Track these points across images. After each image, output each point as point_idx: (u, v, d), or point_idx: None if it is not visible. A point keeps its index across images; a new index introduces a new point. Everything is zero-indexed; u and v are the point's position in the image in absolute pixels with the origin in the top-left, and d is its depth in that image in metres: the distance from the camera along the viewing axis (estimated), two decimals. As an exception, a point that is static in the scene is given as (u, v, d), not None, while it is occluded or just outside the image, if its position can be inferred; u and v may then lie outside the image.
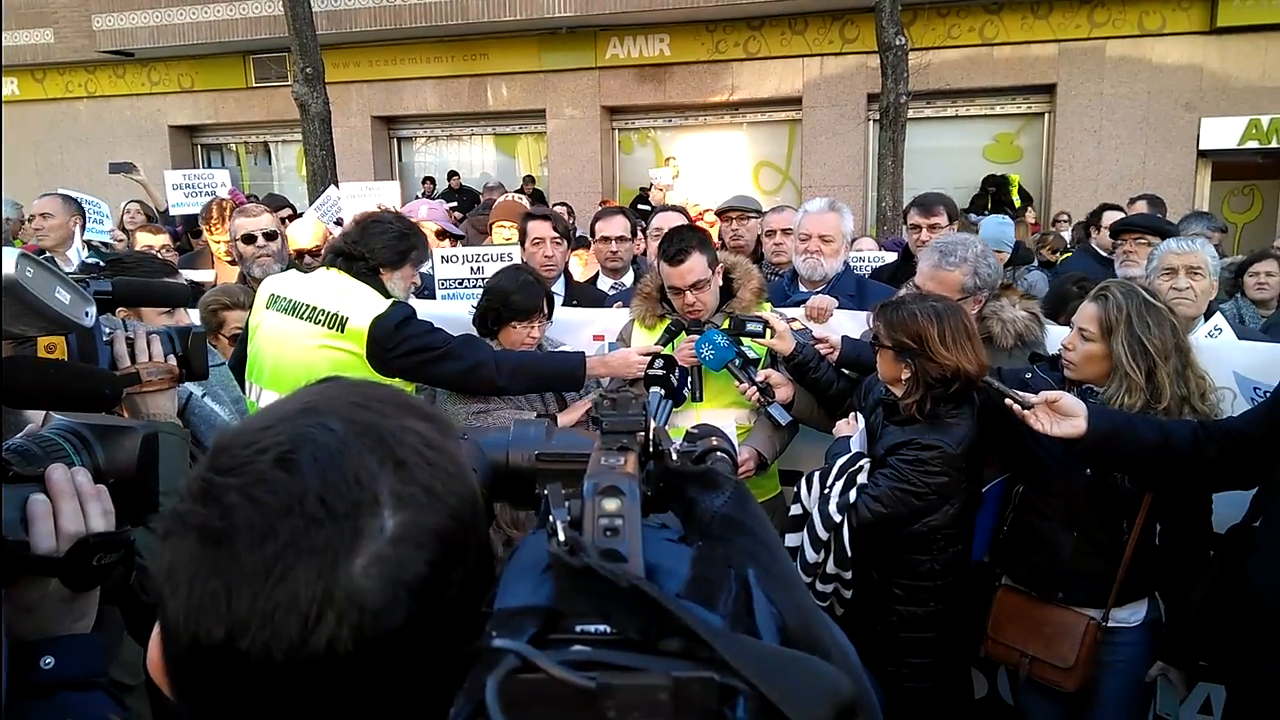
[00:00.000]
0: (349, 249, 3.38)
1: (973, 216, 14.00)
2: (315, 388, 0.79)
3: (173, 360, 1.98)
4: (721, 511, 0.85)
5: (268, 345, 3.40)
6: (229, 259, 5.32)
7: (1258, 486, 2.66)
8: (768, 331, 3.40)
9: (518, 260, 4.48)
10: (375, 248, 3.35)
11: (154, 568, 0.69)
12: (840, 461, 3.03)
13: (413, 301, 4.35)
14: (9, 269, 1.20)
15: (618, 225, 4.94)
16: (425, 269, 5.03)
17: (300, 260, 5.24)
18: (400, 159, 19.14)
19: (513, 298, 3.56)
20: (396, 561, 0.66)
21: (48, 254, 5.70)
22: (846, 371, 3.55)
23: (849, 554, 2.95)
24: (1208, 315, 3.75)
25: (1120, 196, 12.94)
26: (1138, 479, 2.82)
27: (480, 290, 4.39)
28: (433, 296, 4.61)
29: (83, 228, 6.04)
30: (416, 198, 13.62)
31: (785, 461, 3.77)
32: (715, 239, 5.98)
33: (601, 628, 0.64)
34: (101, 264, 2.82)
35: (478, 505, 0.76)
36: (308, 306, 3.31)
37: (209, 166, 19.73)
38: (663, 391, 3.40)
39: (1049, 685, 2.97)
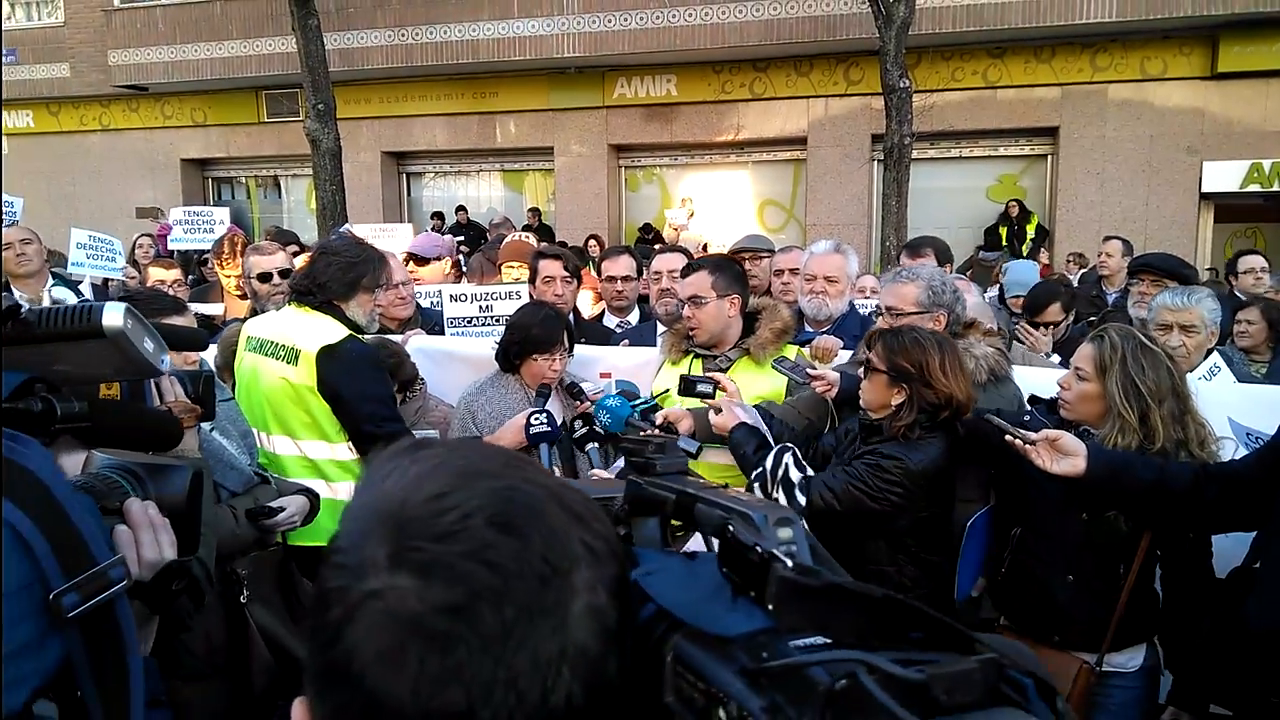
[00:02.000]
0: (301, 285, 3.45)
1: (983, 255, 14.15)
2: (445, 451, 0.76)
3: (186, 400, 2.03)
4: None
5: (243, 383, 3.50)
6: (239, 293, 5.40)
7: (1259, 529, 2.68)
8: (717, 392, 3.43)
9: (526, 298, 4.54)
10: (323, 281, 3.40)
11: (355, 648, 0.65)
12: (773, 453, 3.10)
13: (430, 339, 4.41)
14: (119, 321, 1.26)
15: (623, 265, 5.01)
16: (426, 303, 5.10)
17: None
18: (409, 194, 19.32)
19: (534, 331, 3.62)
20: (603, 611, 0.69)
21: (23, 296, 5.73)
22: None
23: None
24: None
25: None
26: (1137, 519, 2.83)
27: (489, 328, 4.46)
28: (442, 333, 4.65)
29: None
30: (425, 232, 13.77)
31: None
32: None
33: (818, 639, 0.70)
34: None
35: (623, 549, 0.80)
36: (272, 343, 3.41)
37: (219, 199, 19.96)
38: (597, 445, 3.48)
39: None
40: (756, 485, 3.08)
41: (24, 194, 9.14)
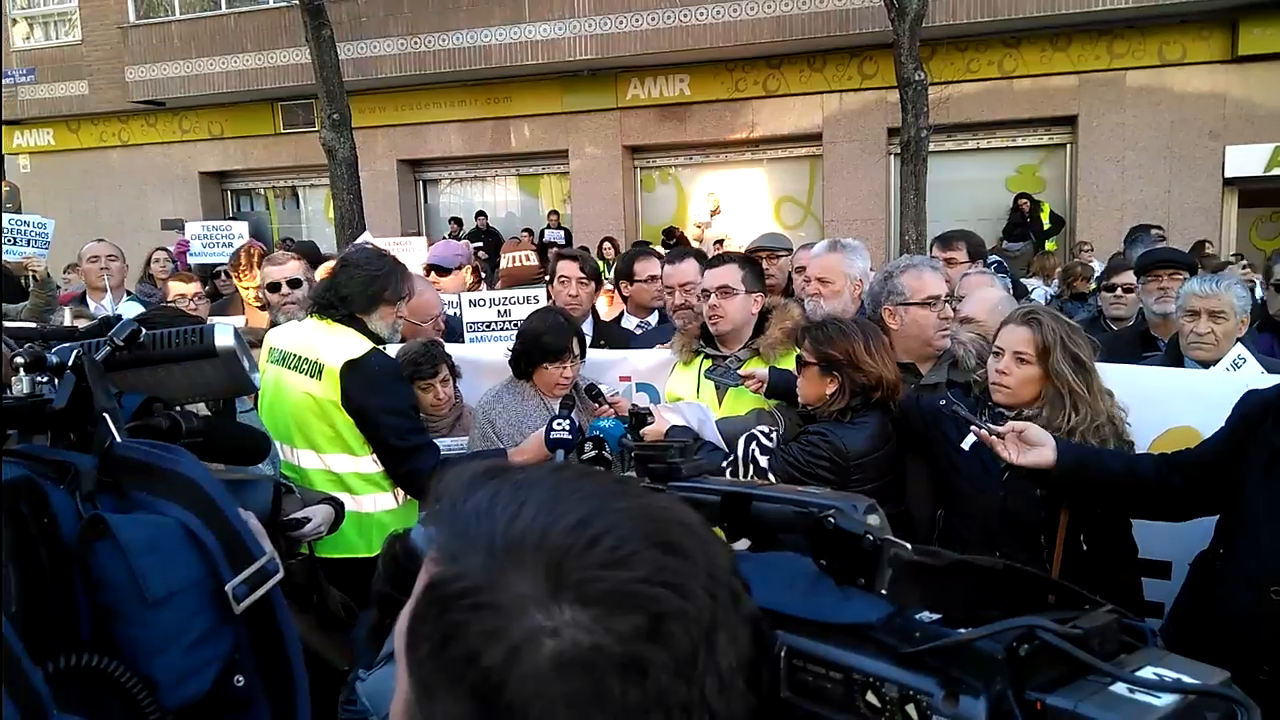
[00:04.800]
0: (323, 298, 3.43)
1: (1007, 245, 14.04)
2: (543, 475, 0.72)
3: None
4: None
5: (267, 396, 3.48)
6: (259, 305, 5.40)
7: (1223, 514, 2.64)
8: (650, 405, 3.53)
9: (544, 301, 4.51)
10: (345, 295, 3.38)
11: (532, 693, 0.61)
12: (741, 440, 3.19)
13: (448, 347, 4.39)
14: (231, 341, 1.33)
15: (657, 266, 5.03)
16: (451, 311, 5.09)
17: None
18: (426, 201, 19.41)
19: (544, 339, 3.59)
20: (757, 616, 0.70)
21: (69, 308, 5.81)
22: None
23: None
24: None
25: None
26: (1109, 509, 2.81)
27: (507, 333, 4.44)
28: (461, 339, 4.64)
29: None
30: (443, 238, 13.81)
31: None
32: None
33: (929, 615, 0.76)
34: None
35: None
36: (294, 356, 3.38)
37: (238, 210, 20.13)
38: (604, 470, 3.46)
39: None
40: (728, 471, 3.17)
41: (46, 211, 9.22)
